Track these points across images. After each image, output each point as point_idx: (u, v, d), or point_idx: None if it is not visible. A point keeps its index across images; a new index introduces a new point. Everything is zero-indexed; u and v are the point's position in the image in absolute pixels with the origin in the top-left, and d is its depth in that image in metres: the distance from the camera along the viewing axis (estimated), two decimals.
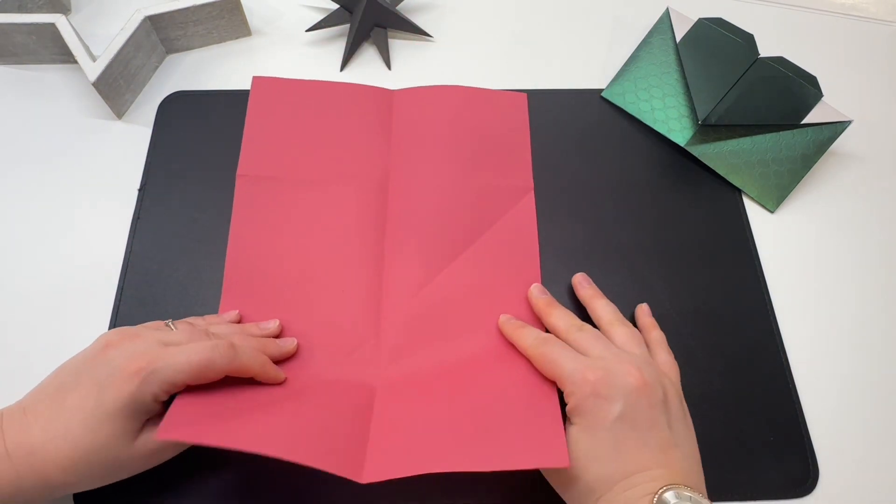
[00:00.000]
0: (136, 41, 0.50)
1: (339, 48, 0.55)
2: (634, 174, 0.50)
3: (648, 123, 0.52)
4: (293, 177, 0.47)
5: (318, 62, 0.55)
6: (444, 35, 0.57)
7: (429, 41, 0.57)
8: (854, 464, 0.41)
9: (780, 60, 0.47)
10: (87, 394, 0.33)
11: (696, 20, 0.52)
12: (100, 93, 0.48)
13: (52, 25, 0.49)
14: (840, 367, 0.44)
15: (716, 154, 0.50)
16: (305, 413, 0.36)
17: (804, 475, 0.40)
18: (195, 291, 0.44)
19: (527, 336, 0.39)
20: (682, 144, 0.50)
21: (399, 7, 0.56)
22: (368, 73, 0.54)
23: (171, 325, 0.38)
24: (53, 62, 0.53)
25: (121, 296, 0.44)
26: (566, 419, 0.36)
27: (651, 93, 0.53)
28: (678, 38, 0.54)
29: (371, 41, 0.56)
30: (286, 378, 0.39)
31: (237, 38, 0.56)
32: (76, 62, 0.48)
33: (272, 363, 0.38)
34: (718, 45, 0.49)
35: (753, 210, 0.49)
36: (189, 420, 0.33)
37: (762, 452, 0.40)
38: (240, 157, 0.47)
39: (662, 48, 0.54)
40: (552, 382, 0.37)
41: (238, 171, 0.47)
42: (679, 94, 0.52)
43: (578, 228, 0.47)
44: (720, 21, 0.50)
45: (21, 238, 0.46)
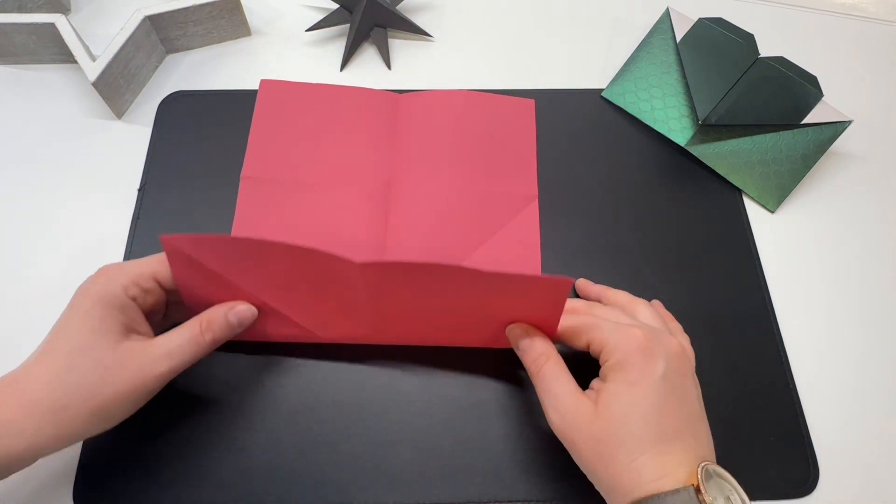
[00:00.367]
0: (136, 41, 0.50)
1: (339, 48, 0.55)
2: (634, 174, 0.50)
3: (648, 123, 0.52)
4: (297, 179, 0.47)
5: (318, 62, 0.55)
6: (444, 35, 0.57)
7: (429, 41, 0.57)
8: (854, 464, 0.41)
9: (781, 60, 0.47)
10: (63, 316, 0.34)
11: (697, 20, 0.52)
12: (99, 93, 0.48)
13: (52, 25, 0.49)
14: (840, 367, 0.44)
15: (716, 154, 0.50)
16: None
17: (804, 475, 0.40)
18: None
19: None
20: (683, 144, 0.50)
21: (399, 7, 0.56)
22: (368, 73, 0.54)
23: None
24: (53, 62, 0.53)
25: None
26: (599, 379, 0.35)
27: (651, 93, 0.53)
28: (678, 38, 0.54)
29: (371, 41, 0.56)
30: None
31: (237, 38, 0.56)
32: (76, 62, 0.48)
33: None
34: (719, 45, 0.49)
35: (753, 210, 0.49)
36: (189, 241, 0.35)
37: (762, 452, 0.40)
38: (245, 159, 0.47)
39: (662, 48, 0.54)
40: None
41: (242, 174, 0.47)
42: (679, 94, 0.52)
43: (578, 228, 0.47)
44: (720, 21, 0.50)
45: (21, 238, 0.46)
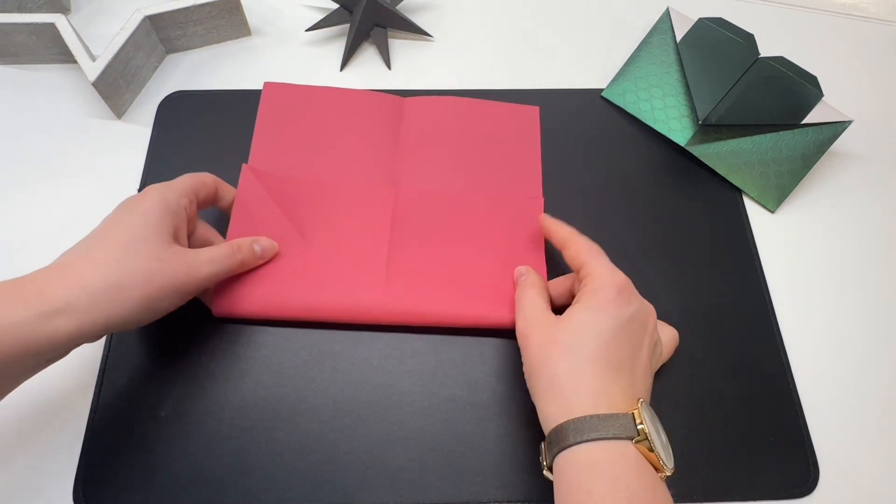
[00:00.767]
0: (136, 41, 0.50)
1: (339, 48, 0.55)
2: (635, 174, 0.50)
3: (649, 123, 0.52)
4: (300, 180, 0.46)
5: (318, 62, 0.55)
6: (444, 35, 0.57)
7: (429, 41, 0.57)
8: (854, 464, 0.41)
9: (781, 60, 0.47)
10: (117, 212, 0.37)
11: (697, 20, 0.52)
12: (99, 93, 0.48)
13: (52, 25, 0.49)
14: (840, 367, 0.44)
15: (716, 154, 0.50)
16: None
17: (804, 475, 0.40)
18: None
19: (568, 230, 0.41)
20: (683, 144, 0.50)
21: (399, 7, 0.56)
22: (368, 73, 0.54)
23: None
24: (53, 62, 0.53)
25: None
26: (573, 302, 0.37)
27: (651, 92, 0.53)
28: (678, 38, 0.54)
29: (371, 41, 0.56)
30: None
31: (237, 38, 0.56)
32: (76, 62, 0.48)
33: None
34: (719, 45, 0.49)
35: (754, 210, 0.49)
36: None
37: (762, 453, 0.40)
38: (249, 160, 0.47)
39: (663, 48, 0.54)
40: None
41: (245, 168, 0.46)
42: (679, 94, 0.52)
43: (578, 228, 0.47)
44: (720, 21, 0.50)
45: (20, 238, 0.46)
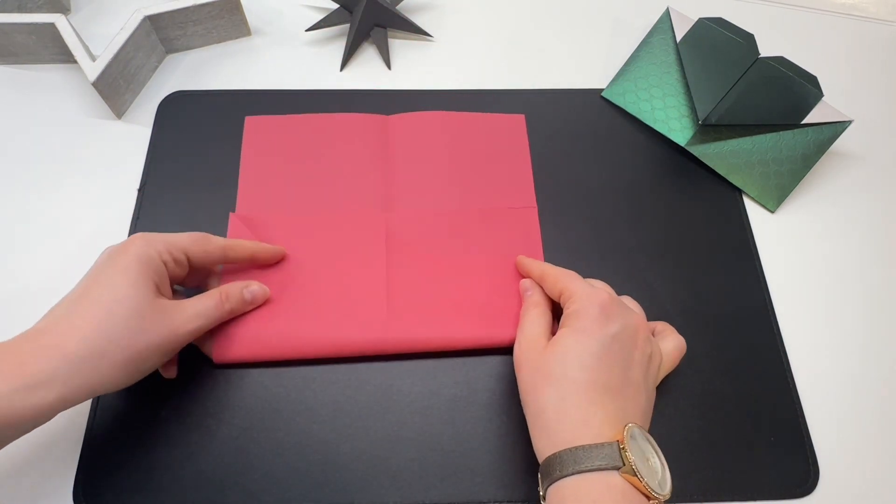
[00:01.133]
0: (136, 41, 0.50)
1: (339, 48, 0.55)
2: (634, 174, 0.50)
3: (648, 123, 0.52)
4: (289, 220, 0.46)
5: (318, 62, 0.55)
6: (444, 35, 0.57)
7: (429, 41, 0.57)
8: (854, 464, 0.41)
9: (781, 60, 0.47)
10: (95, 271, 0.35)
11: (697, 20, 0.52)
12: (99, 93, 0.48)
13: (52, 25, 0.49)
14: (840, 367, 0.44)
15: (716, 154, 0.50)
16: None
17: (804, 475, 0.40)
18: (194, 293, 0.44)
19: (542, 264, 0.42)
20: (683, 144, 0.50)
21: (399, 7, 0.56)
22: (368, 73, 0.54)
23: None
24: (53, 62, 0.53)
25: None
26: (559, 325, 0.37)
27: (651, 92, 0.53)
28: (678, 38, 0.54)
29: (371, 41, 0.56)
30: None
31: (237, 38, 0.56)
32: (76, 62, 0.48)
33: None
34: (719, 45, 0.49)
35: (754, 210, 0.49)
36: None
37: (762, 452, 0.40)
38: (237, 200, 0.47)
39: (662, 48, 0.54)
40: None
41: (233, 214, 0.46)
42: (679, 94, 0.52)
43: (578, 228, 0.47)
44: (720, 21, 0.50)
45: (20, 237, 0.46)
